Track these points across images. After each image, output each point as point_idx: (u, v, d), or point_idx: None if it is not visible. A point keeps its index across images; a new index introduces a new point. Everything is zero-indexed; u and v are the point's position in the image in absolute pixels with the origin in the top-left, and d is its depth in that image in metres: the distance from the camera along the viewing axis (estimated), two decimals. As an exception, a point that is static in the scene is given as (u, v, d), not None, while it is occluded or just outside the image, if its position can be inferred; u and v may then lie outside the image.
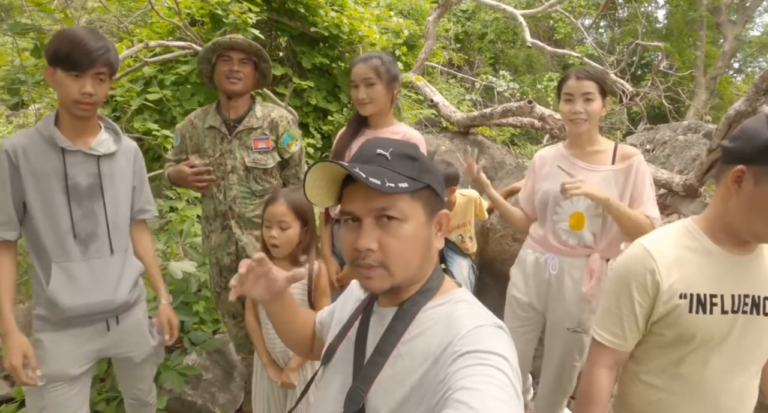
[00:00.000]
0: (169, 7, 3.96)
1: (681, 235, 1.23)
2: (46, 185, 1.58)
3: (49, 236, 1.60)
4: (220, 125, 2.12)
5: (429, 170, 0.89)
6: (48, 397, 1.66)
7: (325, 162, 0.84)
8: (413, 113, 5.58)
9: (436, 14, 6.53)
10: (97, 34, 1.58)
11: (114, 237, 1.70)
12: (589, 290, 1.90)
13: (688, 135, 3.96)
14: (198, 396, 2.44)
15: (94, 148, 1.64)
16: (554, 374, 2.12)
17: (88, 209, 1.64)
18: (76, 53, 1.49)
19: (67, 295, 1.60)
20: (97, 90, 1.55)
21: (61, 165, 1.59)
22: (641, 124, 5.76)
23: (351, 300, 1.08)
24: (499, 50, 11.62)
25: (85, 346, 1.69)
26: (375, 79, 2.01)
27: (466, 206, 2.82)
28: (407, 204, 0.85)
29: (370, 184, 0.77)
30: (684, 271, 1.17)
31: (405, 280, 0.87)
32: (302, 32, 4.40)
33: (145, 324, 1.85)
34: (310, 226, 1.84)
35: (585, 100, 1.89)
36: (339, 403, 0.88)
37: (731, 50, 12.04)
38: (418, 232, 0.86)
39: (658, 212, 1.88)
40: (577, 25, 9.14)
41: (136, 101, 4.00)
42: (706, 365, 1.20)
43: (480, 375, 0.72)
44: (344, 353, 0.96)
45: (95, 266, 1.66)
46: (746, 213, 1.10)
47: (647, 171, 1.90)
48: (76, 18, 3.43)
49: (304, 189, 0.89)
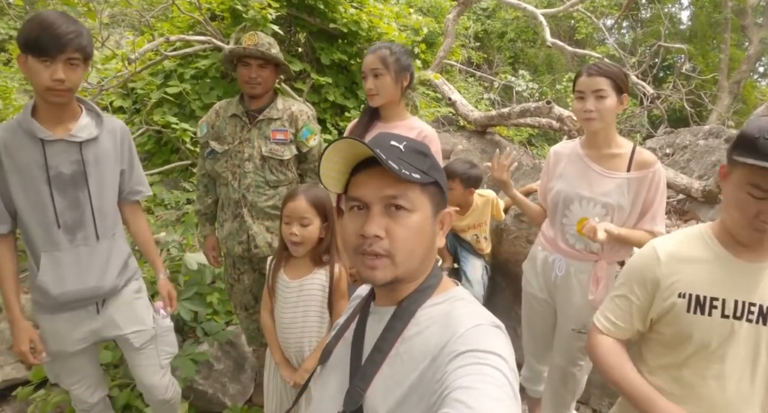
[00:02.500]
0: (189, 2, 4.00)
1: (693, 238, 1.25)
2: (29, 177, 1.58)
3: (35, 228, 1.62)
4: (242, 114, 2.15)
5: (438, 169, 0.90)
6: (58, 366, 1.80)
7: (347, 139, 0.83)
8: (431, 111, 5.56)
9: (456, 12, 6.49)
10: (69, 17, 1.52)
11: (99, 224, 1.71)
12: (594, 298, 1.88)
13: (709, 140, 3.88)
14: (209, 386, 2.47)
15: (75, 134, 1.61)
16: (560, 372, 2.12)
17: (72, 198, 1.64)
18: (45, 39, 1.44)
19: (56, 284, 1.65)
20: (70, 76, 1.50)
21: (41, 156, 1.57)
22: (661, 127, 5.67)
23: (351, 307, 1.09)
24: (518, 49, 11.53)
25: (78, 327, 1.75)
26: (382, 69, 1.97)
27: (483, 207, 2.81)
28: (417, 196, 0.85)
29: (390, 166, 0.77)
30: (688, 272, 1.20)
31: (407, 273, 0.87)
32: (321, 28, 4.41)
33: (135, 304, 1.87)
34: (331, 222, 1.80)
35: (597, 98, 1.80)
36: (338, 402, 0.88)
37: (756, 54, 11.77)
38: (425, 225, 0.86)
39: (664, 227, 1.85)
40: (599, 26, 9.02)
41: (155, 94, 4.06)
42: (706, 371, 1.20)
43: (478, 374, 0.71)
44: (342, 353, 0.96)
45: (82, 253, 1.68)
46: (728, 208, 1.15)
47: (662, 182, 1.83)
48: (99, 12, 3.49)
49: (319, 170, 0.88)
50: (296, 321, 1.80)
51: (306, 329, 1.79)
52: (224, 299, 2.78)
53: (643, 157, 1.84)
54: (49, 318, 1.72)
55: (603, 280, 1.88)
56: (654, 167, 1.81)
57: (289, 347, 1.83)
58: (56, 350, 1.74)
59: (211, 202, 2.35)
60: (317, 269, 1.80)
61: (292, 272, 1.82)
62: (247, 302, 2.34)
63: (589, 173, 1.91)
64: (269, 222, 2.19)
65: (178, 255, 2.91)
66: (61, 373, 1.82)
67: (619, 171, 1.86)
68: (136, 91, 4.28)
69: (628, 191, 1.83)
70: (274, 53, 2.07)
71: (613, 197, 1.84)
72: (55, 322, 1.72)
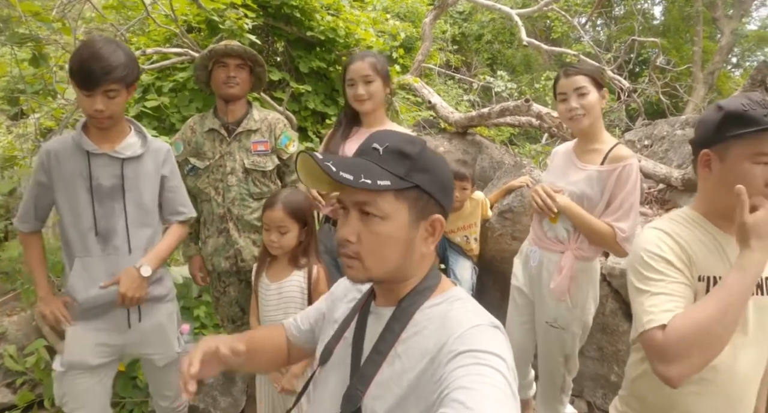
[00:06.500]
0: (165, 15, 3.98)
1: (684, 221, 1.25)
2: (73, 185, 1.69)
3: (73, 232, 1.71)
4: (219, 128, 2.14)
5: (425, 171, 0.86)
6: (68, 385, 1.77)
7: (303, 153, 0.85)
8: (411, 114, 5.58)
9: (433, 16, 6.53)
10: (114, 45, 1.61)
11: (133, 237, 1.77)
12: (554, 286, 1.91)
13: (686, 130, 3.95)
14: (200, 401, 2.45)
15: (119, 151, 1.72)
16: (544, 369, 2.16)
17: (109, 208, 1.72)
18: (82, 73, 1.55)
19: (83, 289, 1.71)
20: (109, 106, 1.61)
21: (86, 167, 1.69)
22: (639, 120, 5.75)
23: (342, 300, 1.08)
24: (496, 51, 11.63)
25: (104, 339, 1.78)
26: (374, 76, 2.04)
27: (474, 208, 2.83)
28: (389, 203, 0.84)
29: (339, 178, 0.79)
30: (699, 254, 1.19)
31: (382, 275, 0.88)
32: (299, 37, 4.41)
33: (168, 328, 1.89)
34: (310, 226, 1.85)
35: (579, 96, 1.87)
36: (337, 403, 0.88)
37: (728, 45, 12.01)
38: (397, 232, 0.85)
39: (627, 226, 1.80)
40: (574, 24, 9.14)
41: (134, 108, 4.02)
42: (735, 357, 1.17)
43: (476, 374, 0.72)
44: (341, 353, 0.96)
45: (111, 262, 1.74)
46: (722, 191, 1.15)
47: (632, 180, 1.81)
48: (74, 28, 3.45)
49: (299, 176, 0.91)
50: (278, 322, 1.81)
51: None
52: (211, 313, 2.76)
53: (617, 152, 1.88)
54: (78, 325, 1.76)
55: (567, 270, 1.91)
56: (624, 162, 1.83)
57: None
58: (78, 360, 1.75)
59: (193, 221, 2.33)
60: (296, 271, 1.85)
61: (273, 275, 1.88)
62: (234, 314, 2.32)
63: (569, 166, 1.98)
64: (255, 235, 2.18)
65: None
66: (68, 394, 1.79)
67: (594, 164, 1.91)
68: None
69: (597, 183, 1.87)
70: (254, 54, 2.09)
71: (580, 187, 1.89)
72: (81, 329, 1.76)
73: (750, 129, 1.08)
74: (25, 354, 2.53)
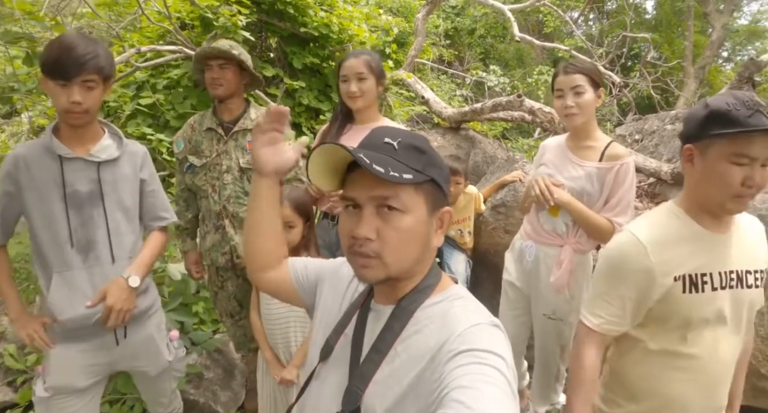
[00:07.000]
0: (159, 12, 3.97)
1: (666, 218, 1.29)
2: (45, 193, 1.56)
3: (49, 246, 1.57)
4: (216, 127, 2.17)
5: (435, 165, 0.87)
6: (55, 410, 1.64)
7: (330, 144, 0.83)
8: (405, 110, 5.61)
9: (425, 11, 6.54)
10: (89, 39, 1.54)
11: (115, 246, 1.65)
12: (555, 280, 1.96)
13: (675, 124, 4.00)
14: (200, 395, 2.47)
15: (95, 154, 1.60)
16: (539, 359, 2.21)
17: (87, 216, 1.60)
18: (60, 61, 1.45)
19: (67, 306, 1.57)
20: (86, 98, 1.50)
21: (59, 173, 1.56)
22: (630, 115, 5.81)
23: (342, 283, 1.05)
24: (489, 45, 11.65)
25: (92, 359, 1.66)
26: (367, 74, 2.07)
27: (467, 203, 2.88)
28: (410, 196, 0.83)
29: (374, 171, 0.76)
30: (676, 254, 1.23)
31: (400, 272, 0.86)
32: (292, 33, 4.42)
33: (158, 339, 1.80)
34: (311, 221, 1.91)
35: (575, 94, 1.91)
36: (336, 401, 0.88)
37: (719, 39, 12.09)
38: (418, 226, 0.84)
39: (626, 220, 1.86)
40: (566, 19, 9.17)
41: (129, 106, 4.02)
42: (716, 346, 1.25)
43: (476, 373, 0.71)
44: (342, 350, 0.95)
45: (95, 274, 1.61)
46: (705, 186, 1.20)
47: (629, 178, 1.89)
48: (68, 25, 3.45)
49: (307, 172, 0.88)
50: (281, 315, 1.88)
51: (291, 322, 1.87)
52: (210, 308, 2.79)
53: (615, 151, 1.94)
54: (59, 347, 1.62)
55: (566, 264, 1.96)
56: (622, 160, 1.90)
57: (276, 343, 1.90)
58: (64, 384, 1.62)
59: (191, 217, 2.36)
60: None
61: None
62: (232, 309, 2.35)
63: (566, 162, 2.02)
64: None
65: (161, 267, 2.90)
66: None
67: (591, 161, 1.96)
68: (108, 104, 4.23)
69: (597, 180, 1.93)
70: (236, 54, 2.07)
71: (580, 183, 1.94)
72: (65, 351, 1.62)
73: (730, 130, 1.11)
74: (25, 352, 2.55)
